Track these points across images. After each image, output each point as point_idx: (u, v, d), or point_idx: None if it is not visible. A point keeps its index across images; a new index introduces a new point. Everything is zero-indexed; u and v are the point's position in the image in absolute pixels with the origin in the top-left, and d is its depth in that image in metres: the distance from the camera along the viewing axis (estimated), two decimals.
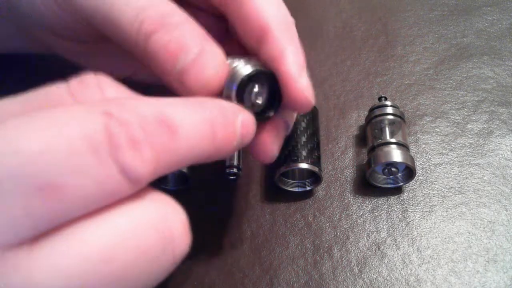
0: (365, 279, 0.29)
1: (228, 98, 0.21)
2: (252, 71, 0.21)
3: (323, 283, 0.29)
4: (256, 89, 0.22)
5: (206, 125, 0.18)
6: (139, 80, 0.32)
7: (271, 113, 0.23)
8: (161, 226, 0.17)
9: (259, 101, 0.22)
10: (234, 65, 0.22)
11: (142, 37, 0.21)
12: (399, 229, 0.31)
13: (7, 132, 0.14)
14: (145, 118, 0.16)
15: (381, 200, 0.33)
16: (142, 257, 0.16)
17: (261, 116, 0.23)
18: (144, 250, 0.16)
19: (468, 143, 0.36)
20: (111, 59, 0.30)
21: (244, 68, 0.21)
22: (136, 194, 0.16)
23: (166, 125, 0.17)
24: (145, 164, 0.16)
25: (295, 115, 0.27)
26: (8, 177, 0.13)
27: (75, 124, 0.15)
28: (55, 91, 0.17)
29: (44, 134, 0.14)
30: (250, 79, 0.21)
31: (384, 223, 0.32)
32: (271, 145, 0.24)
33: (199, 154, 0.18)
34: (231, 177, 0.33)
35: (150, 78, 0.32)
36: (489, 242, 0.31)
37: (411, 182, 0.33)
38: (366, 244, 0.31)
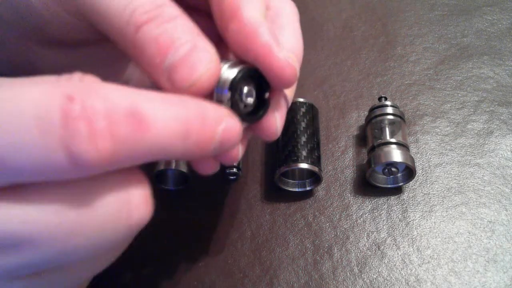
0: (365, 279, 0.29)
1: (219, 101, 0.21)
2: (241, 70, 0.21)
3: (323, 283, 0.29)
4: (246, 89, 0.22)
5: (180, 124, 0.18)
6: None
7: (262, 113, 0.23)
8: (120, 198, 0.17)
9: (250, 101, 0.22)
10: (223, 69, 0.21)
11: (131, 28, 0.20)
12: (399, 229, 0.31)
13: None
14: (113, 107, 0.16)
15: (381, 200, 0.33)
16: (94, 222, 0.17)
17: (252, 116, 0.23)
18: (97, 215, 0.17)
19: (468, 143, 0.36)
20: (98, 70, 0.29)
21: (232, 69, 0.21)
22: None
23: (134, 118, 0.16)
24: (99, 153, 0.15)
25: (292, 88, 0.26)
26: None
27: (28, 98, 0.15)
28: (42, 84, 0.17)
29: None
30: (239, 80, 0.21)
31: (384, 223, 0.32)
32: (273, 121, 0.23)
33: (167, 151, 0.18)
34: (231, 177, 0.33)
35: (141, 87, 0.31)
36: (489, 242, 0.31)
37: (411, 182, 0.33)
38: (366, 244, 0.31)
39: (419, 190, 0.33)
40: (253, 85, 0.22)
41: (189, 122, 0.18)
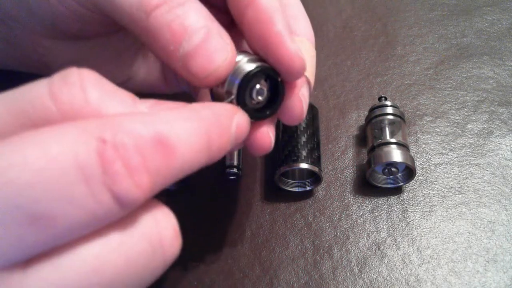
0: (365, 279, 0.29)
1: (228, 93, 0.21)
2: (257, 68, 0.21)
3: (323, 283, 0.29)
4: (258, 86, 0.22)
5: (202, 137, 0.18)
6: (132, 88, 0.32)
7: (269, 113, 0.23)
8: (153, 236, 0.17)
9: (260, 98, 0.22)
10: (237, 59, 0.21)
11: (143, 13, 0.20)
12: (399, 229, 0.31)
13: None
14: (141, 140, 0.16)
15: (381, 200, 0.33)
16: (133, 266, 0.16)
17: (259, 114, 0.23)
18: (134, 259, 0.16)
19: (468, 143, 0.36)
20: (104, 65, 0.29)
21: (248, 64, 0.21)
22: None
23: (162, 145, 0.16)
24: (140, 189, 0.15)
25: (312, 71, 0.26)
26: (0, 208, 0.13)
27: (66, 151, 0.14)
28: (36, 91, 0.16)
29: (34, 163, 0.14)
30: (253, 76, 0.21)
31: (384, 223, 0.32)
32: (266, 136, 0.23)
33: (195, 166, 0.18)
34: (231, 177, 0.33)
35: (142, 86, 0.31)
36: (489, 242, 0.31)
37: (411, 182, 0.33)
38: (366, 244, 0.31)
39: (419, 190, 0.33)
40: (267, 84, 0.22)
41: (210, 132, 0.18)
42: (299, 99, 0.22)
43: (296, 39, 0.24)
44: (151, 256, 0.17)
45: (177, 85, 0.31)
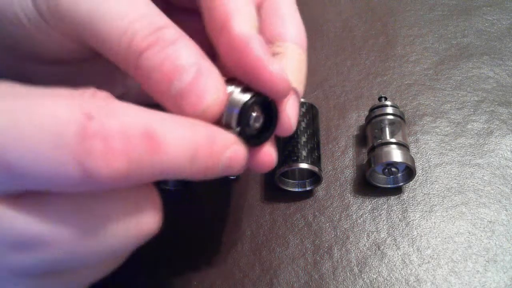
0: (365, 279, 0.29)
1: (228, 125, 0.21)
2: (252, 98, 0.21)
3: (323, 283, 0.29)
4: (254, 114, 0.22)
5: (190, 148, 0.18)
6: (130, 101, 0.31)
7: (267, 136, 0.23)
8: (131, 210, 0.18)
9: (257, 125, 0.22)
10: (230, 90, 0.21)
11: (133, 54, 0.20)
12: (399, 229, 0.31)
13: None
14: (130, 128, 0.16)
15: (381, 200, 0.33)
16: (105, 226, 0.17)
17: (257, 139, 0.23)
18: (108, 224, 0.17)
19: (468, 143, 0.36)
20: (95, 83, 0.29)
21: (243, 94, 0.21)
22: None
23: (149, 139, 0.17)
24: (112, 171, 0.16)
25: (302, 77, 0.25)
26: None
27: (49, 112, 0.15)
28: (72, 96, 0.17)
29: (17, 112, 0.15)
30: (250, 107, 0.21)
31: (384, 223, 0.32)
32: (268, 155, 0.23)
33: (175, 171, 0.18)
34: (231, 177, 0.33)
35: (141, 98, 0.31)
36: (489, 242, 0.31)
37: (411, 182, 0.33)
38: (366, 244, 0.31)
39: (419, 190, 0.33)
40: (261, 110, 0.22)
41: (198, 145, 0.18)
42: (286, 115, 0.22)
43: (283, 44, 0.23)
44: (126, 227, 0.18)
45: None
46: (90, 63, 0.27)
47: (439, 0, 0.46)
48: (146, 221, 0.19)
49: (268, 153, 0.23)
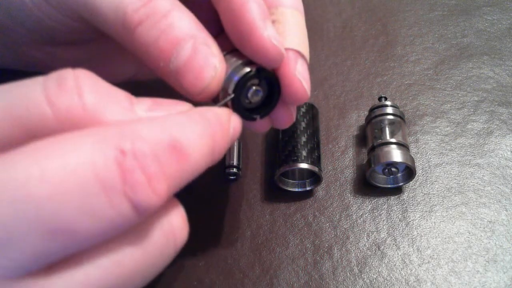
0: (365, 279, 0.29)
1: (224, 90, 0.21)
2: (254, 69, 0.21)
3: (323, 283, 0.29)
4: (253, 88, 0.22)
5: (209, 140, 0.18)
6: (145, 79, 0.32)
7: (261, 115, 0.23)
8: (166, 228, 0.18)
9: (256, 99, 0.22)
10: (234, 59, 0.21)
11: (127, 30, 0.19)
12: (399, 229, 0.31)
13: (16, 172, 0.14)
14: (157, 146, 0.16)
15: (381, 200, 0.33)
16: (150, 258, 0.17)
17: (251, 114, 0.22)
18: (151, 252, 0.17)
19: (468, 143, 0.36)
20: (108, 63, 0.29)
21: (246, 66, 0.21)
22: None
23: (176, 150, 0.16)
24: (159, 195, 0.16)
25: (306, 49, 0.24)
26: (20, 222, 0.13)
27: (85, 162, 0.14)
28: (32, 95, 0.16)
29: (53, 175, 0.14)
30: (248, 79, 0.21)
31: (384, 223, 0.32)
32: (287, 113, 0.24)
33: (202, 168, 0.18)
34: (231, 177, 0.33)
35: (152, 75, 0.31)
36: (489, 242, 0.31)
37: (411, 182, 0.33)
38: (366, 244, 0.31)
39: (419, 190, 0.33)
40: (262, 83, 0.22)
41: (214, 134, 0.18)
42: (297, 79, 0.22)
43: (281, 11, 0.23)
44: (165, 246, 0.18)
45: None
46: (100, 43, 0.27)
47: (439, 0, 0.46)
48: (179, 231, 0.19)
49: (283, 116, 0.23)
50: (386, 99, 0.36)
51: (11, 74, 0.34)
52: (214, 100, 0.22)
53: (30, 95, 0.16)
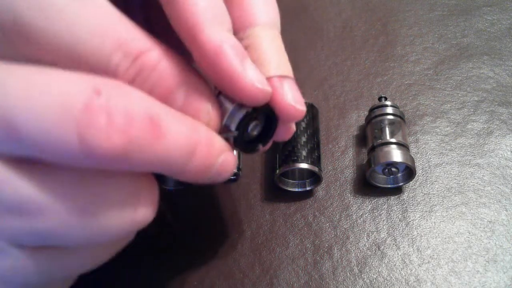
0: (365, 279, 0.29)
1: (225, 132, 0.21)
2: (250, 110, 0.20)
3: (323, 283, 0.29)
4: (251, 125, 0.22)
5: (189, 144, 0.18)
6: None
7: (263, 143, 0.23)
8: (127, 215, 0.18)
9: (254, 133, 0.22)
10: (227, 100, 0.21)
11: (125, 80, 0.18)
12: (399, 229, 0.31)
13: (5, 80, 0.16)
14: (134, 109, 0.16)
15: (381, 200, 0.33)
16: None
17: (254, 145, 0.23)
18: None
19: (468, 143, 0.36)
20: None
21: (238, 111, 0.21)
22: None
23: (152, 123, 0.17)
24: (110, 145, 0.16)
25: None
26: None
27: (61, 85, 0.16)
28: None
29: (29, 85, 0.15)
30: (249, 117, 0.21)
31: (384, 223, 0.32)
32: (287, 130, 0.24)
33: (170, 165, 0.18)
34: (231, 177, 0.33)
35: None
36: (489, 242, 0.31)
37: (411, 182, 0.33)
38: (366, 244, 0.31)
39: (419, 190, 0.33)
40: (260, 116, 0.22)
41: (197, 144, 0.18)
42: (287, 103, 0.21)
43: (252, 33, 0.22)
44: (122, 209, 0.18)
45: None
46: None
47: (439, 0, 0.46)
48: (142, 211, 0.19)
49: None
50: (386, 99, 0.36)
51: None
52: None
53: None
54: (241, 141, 0.21)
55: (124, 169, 0.17)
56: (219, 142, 0.20)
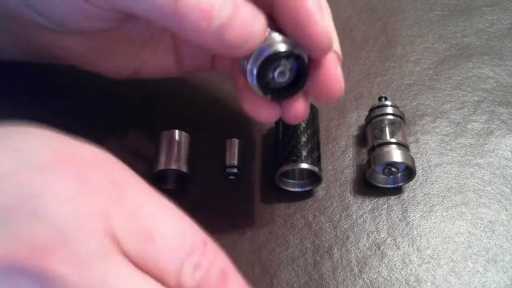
0: (365, 279, 0.29)
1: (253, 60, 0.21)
2: (287, 50, 0.21)
3: (323, 283, 0.29)
4: (280, 68, 0.22)
5: None
6: (144, 77, 0.32)
7: (275, 96, 0.23)
8: None
9: (281, 80, 0.22)
10: (277, 34, 0.21)
11: (168, 2, 0.20)
12: (399, 229, 0.31)
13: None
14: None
15: (381, 200, 0.33)
16: None
17: (278, 94, 0.23)
18: None
19: (468, 143, 0.36)
20: (112, 54, 0.29)
21: (279, 43, 0.21)
22: None
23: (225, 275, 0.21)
24: None
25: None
26: None
27: None
28: None
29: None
30: (282, 56, 0.21)
31: (384, 223, 0.32)
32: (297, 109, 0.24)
33: None
34: (231, 177, 0.33)
35: (154, 73, 0.32)
36: (489, 242, 0.31)
37: (411, 182, 0.33)
38: (366, 244, 0.31)
39: (419, 190, 0.33)
40: (293, 68, 0.22)
41: None
42: (339, 77, 0.23)
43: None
44: None
45: (190, 67, 0.32)
46: (110, 37, 0.28)
47: (439, 0, 0.46)
48: None
49: (298, 108, 0.24)
50: (386, 99, 0.36)
51: (18, 68, 0.34)
52: (248, 58, 0.22)
53: None
54: (264, 73, 0.22)
55: None
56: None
